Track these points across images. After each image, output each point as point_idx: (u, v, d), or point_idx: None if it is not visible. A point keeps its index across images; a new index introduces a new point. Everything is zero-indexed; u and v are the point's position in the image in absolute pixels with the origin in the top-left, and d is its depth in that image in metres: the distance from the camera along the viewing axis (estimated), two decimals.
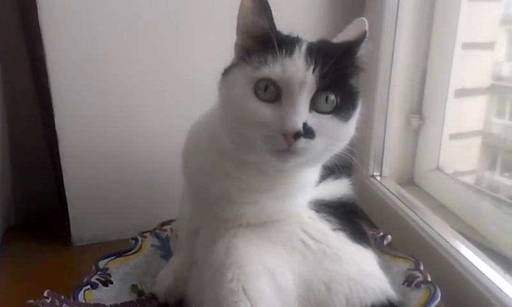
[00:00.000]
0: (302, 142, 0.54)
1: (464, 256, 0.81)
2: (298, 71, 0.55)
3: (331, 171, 0.71)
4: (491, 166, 1.15)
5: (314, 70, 0.55)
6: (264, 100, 0.56)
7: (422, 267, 0.74)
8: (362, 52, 0.59)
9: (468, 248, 0.83)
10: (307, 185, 0.67)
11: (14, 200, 1.11)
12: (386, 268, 0.68)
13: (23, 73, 1.06)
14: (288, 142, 0.53)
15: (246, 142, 0.57)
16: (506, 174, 1.10)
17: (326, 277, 0.60)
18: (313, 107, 0.56)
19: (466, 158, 1.20)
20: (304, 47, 0.57)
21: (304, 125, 0.54)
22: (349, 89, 0.59)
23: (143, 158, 1.03)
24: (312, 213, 0.67)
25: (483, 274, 0.76)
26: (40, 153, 1.12)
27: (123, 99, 1.00)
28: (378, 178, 1.17)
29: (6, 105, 1.05)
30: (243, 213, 0.63)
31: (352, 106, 0.59)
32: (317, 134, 0.55)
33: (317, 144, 0.55)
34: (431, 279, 0.71)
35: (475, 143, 1.16)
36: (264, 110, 0.55)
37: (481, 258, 0.80)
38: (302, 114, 0.54)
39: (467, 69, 1.12)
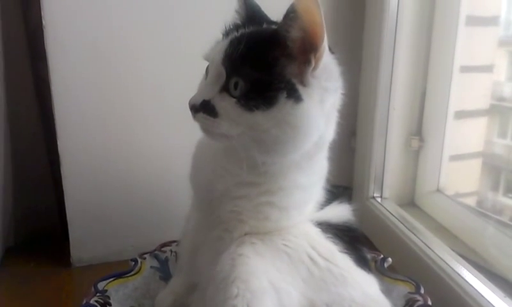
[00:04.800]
0: (200, 116, 0.58)
1: (465, 279, 0.80)
2: (216, 52, 0.58)
3: (334, 194, 0.71)
4: (494, 187, 1.15)
5: (228, 53, 0.56)
6: (206, 80, 0.60)
7: (422, 291, 0.74)
8: (292, 35, 0.54)
9: (468, 271, 0.83)
10: (302, 187, 0.64)
11: (14, 219, 1.11)
12: (386, 292, 0.68)
13: (27, 93, 1.08)
14: (192, 114, 0.58)
15: None
16: (510, 194, 1.09)
17: (329, 299, 0.59)
18: (227, 89, 0.57)
19: (467, 179, 1.19)
20: (241, 33, 0.59)
21: (205, 101, 0.57)
22: (266, 82, 0.55)
23: (144, 179, 1.04)
24: (319, 231, 0.66)
25: (484, 297, 0.75)
26: (42, 173, 1.12)
27: (125, 121, 1.01)
28: (379, 200, 1.17)
29: (10, 124, 1.06)
30: (240, 209, 0.62)
31: (263, 99, 0.55)
32: (220, 115, 0.57)
33: (220, 124, 0.57)
34: (432, 302, 0.70)
35: (476, 164, 1.16)
36: (198, 88, 0.61)
37: (482, 281, 0.79)
38: (207, 92, 0.58)
39: (466, 91, 1.13)
